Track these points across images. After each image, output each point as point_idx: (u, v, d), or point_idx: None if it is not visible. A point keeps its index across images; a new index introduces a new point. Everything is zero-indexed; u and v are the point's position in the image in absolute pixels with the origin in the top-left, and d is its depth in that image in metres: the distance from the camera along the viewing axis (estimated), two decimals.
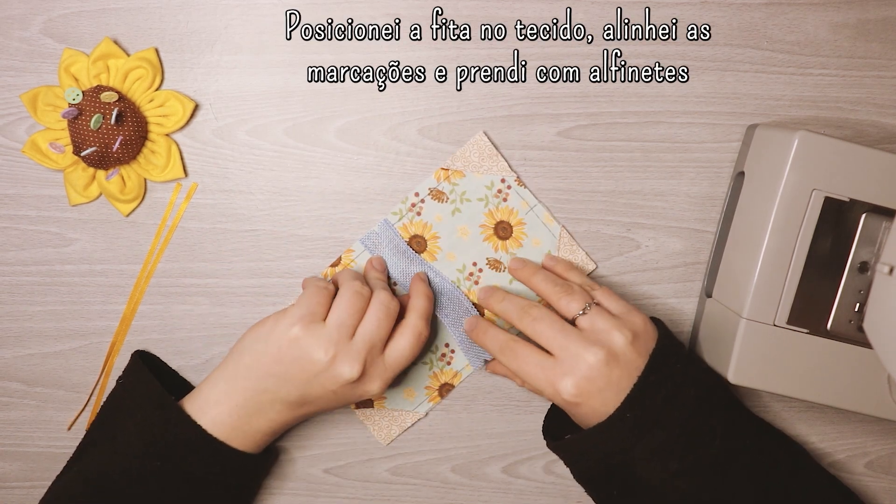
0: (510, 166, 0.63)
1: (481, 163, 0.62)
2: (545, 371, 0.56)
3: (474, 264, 0.64)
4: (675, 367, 0.56)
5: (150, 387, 0.59)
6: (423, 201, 0.63)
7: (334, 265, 0.63)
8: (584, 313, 0.57)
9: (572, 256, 0.64)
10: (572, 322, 0.57)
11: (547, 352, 0.57)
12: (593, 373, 0.55)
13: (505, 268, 0.63)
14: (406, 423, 0.66)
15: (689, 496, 0.56)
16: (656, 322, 0.60)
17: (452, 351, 0.64)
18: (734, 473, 0.57)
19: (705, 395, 0.57)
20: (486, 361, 0.64)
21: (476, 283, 0.64)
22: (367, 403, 0.65)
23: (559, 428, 0.63)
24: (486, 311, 0.64)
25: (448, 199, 0.63)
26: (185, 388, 0.64)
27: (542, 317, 0.57)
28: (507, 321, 0.60)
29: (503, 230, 0.63)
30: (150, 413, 0.58)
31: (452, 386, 0.65)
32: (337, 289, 0.59)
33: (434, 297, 0.63)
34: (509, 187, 0.63)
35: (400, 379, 0.65)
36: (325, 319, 0.57)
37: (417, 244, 0.63)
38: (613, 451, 0.56)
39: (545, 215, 0.63)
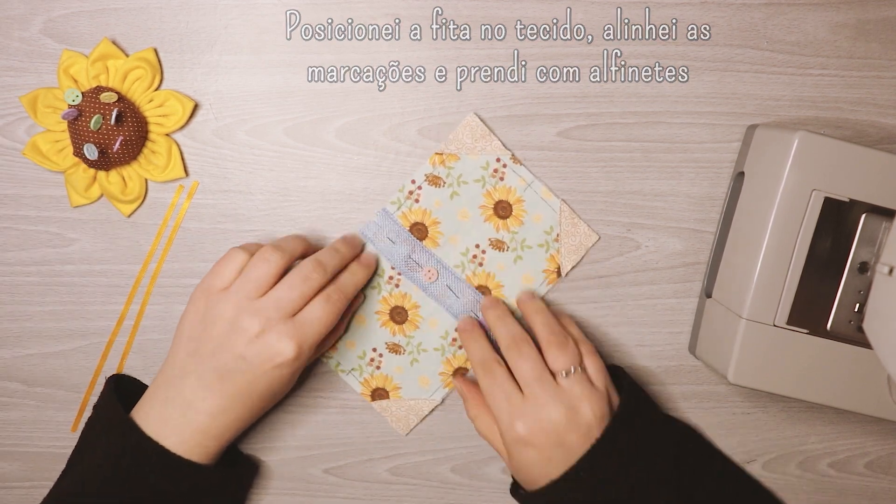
0: (504, 144, 0.62)
1: (475, 144, 0.62)
2: (510, 403, 0.57)
3: (477, 246, 0.63)
4: (634, 432, 0.58)
5: (114, 412, 0.59)
6: (420, 188, 0.63)
7: None
8: (566, 375, 0.58)
9: (573, 230, 0.63)
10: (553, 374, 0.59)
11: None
12: (550, 427, 0.56)
13: (508, 247, 0.63)
14: (423, 412, 0.65)
15: None
16: (621, 375, 0.62)
17: None
18: None
19: (658, 466, 0.59)
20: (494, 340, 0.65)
21: (480, 264, 0.64)
22: (382, 395, 0.65)
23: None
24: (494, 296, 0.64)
25: (445, 183, 0.63)
26: None
27: (528, 356, 0.58)
28: (495, 337, 0.61)
29: (503, 209, 0.63)
30: (114, 439, 0.57)
31: (466, 370, 0.65)
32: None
33: (429, 288, 0.63)
34: (505, 166, 0.63)
35: (415, 371, 0.65)
36: (264, 294, 0.57)
37: (418, 231, 0.63)
38: None
39: (543, 190, 0.63)
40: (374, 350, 0.65)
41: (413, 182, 0.63)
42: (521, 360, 0.58)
